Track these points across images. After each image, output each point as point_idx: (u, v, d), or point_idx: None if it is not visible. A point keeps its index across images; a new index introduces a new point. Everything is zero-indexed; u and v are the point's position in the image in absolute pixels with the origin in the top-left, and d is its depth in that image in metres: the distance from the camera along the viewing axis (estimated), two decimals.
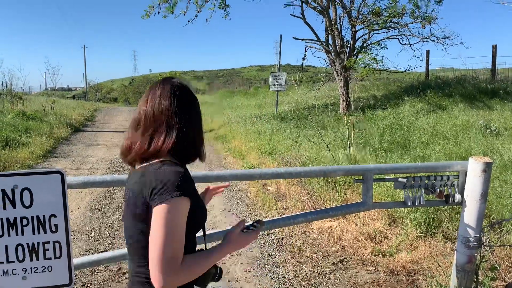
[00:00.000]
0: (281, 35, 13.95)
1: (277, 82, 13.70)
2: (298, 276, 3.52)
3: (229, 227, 1.47)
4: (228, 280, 3.48)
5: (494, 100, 9.82)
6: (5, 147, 8.26)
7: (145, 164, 1.29)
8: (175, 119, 1.30)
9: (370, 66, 10.96)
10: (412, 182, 2.44)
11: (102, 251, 4.05)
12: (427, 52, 13.43)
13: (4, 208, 2.07)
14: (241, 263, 3.80)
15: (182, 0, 11.59)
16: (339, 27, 11.86)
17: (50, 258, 2.16)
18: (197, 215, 1.30)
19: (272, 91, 14.74)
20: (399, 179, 2.45)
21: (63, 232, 2.15)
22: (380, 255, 3.81)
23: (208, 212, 4.80)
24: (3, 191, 2.05)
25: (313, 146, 7.79)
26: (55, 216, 2.13)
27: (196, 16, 11.50)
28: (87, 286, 3.34)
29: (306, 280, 3.45)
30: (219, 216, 5.13)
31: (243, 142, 9.63)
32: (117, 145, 10.34)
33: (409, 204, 2.43)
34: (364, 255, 3.82)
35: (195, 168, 7.72)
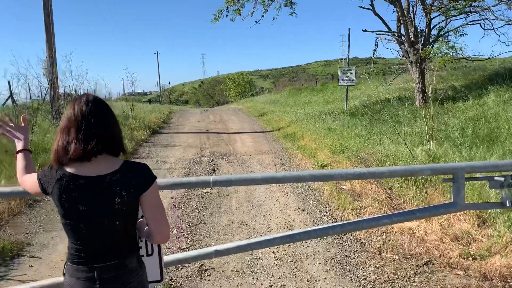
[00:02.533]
0: (349, 29, 13.62)
1: (346, 76, 13.36)
2: (379, 278, 3.40)
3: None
4: (307, 280, 3.46)
5: None
6: None
7: (103, 166, 1.52)
8: (103, 124, 1.55)
9: (448, 55, 10.24)
10: (511, 180, 2.23)
11: (184, 248, 4.25)
12: None
13: None
14: (319, 263, 3.76)
15: (249, 1, 11.74)
16: (412, 16, 11.24)
17: (143, 256, 2.31)
18: None
19: (341, 86, 14.41)
20: (495, 178, 2.26)
21: None
22: (470, 258, 3.55)
23: (281, 211, 4.81)
24: None
25: (388, 142, 7.47)
26: None
27: (263, 16, 11.63)
28: (173, 281, 3.53)
29: (389, 283, 3.33)
30: (294, 215, 5.13)
31: (312, 139, 9.53)
32: (192, 146, 10.80)
33: (507, 205, 2.23)
34: (451, 258, 3.58)
35: (268, 169, 7.80)
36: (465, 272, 3.36)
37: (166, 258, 2.46)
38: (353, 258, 3.82)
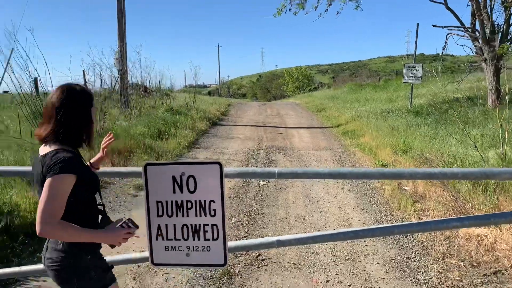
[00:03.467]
0: (417, 24, 13.02)
1: (411, 73, 12.79)
2: (443, 284, 3.27)
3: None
4: (365, 279, 3.41)
5: None
6: (158, 138, 9.48)
7: (47, 151, 1.73)
8: (59, 114, 1.73)
9: None
10: None
11: (242, 237, 4.36)
12: None
13: (174, 192, 2.39)
14: (377, 263, 3.69)
15: None
16: (489, 10, 10.49)
17: (209, 239, 2.42)
18: (89, 183, 1.83)
19: (405, 83, 13.82)
20: None
21: (220, 217, 2.39)
22: None
23: (339, 208, 4.75)
24: (173, 177, 2.36)
25: (456, 144, 7.08)
26: (213, 201, 2.38)
27: (327, 10, 11.43)
28: (231, 267, 3.64)
29: None
30: (352, 213, 5.06)
31: (373, 137, 9.27)
32: (249, 138, 10.96)
33: None
34: None
35: (325, 166, 7.73)
36: None
37: (230, 244, 2.55)
38: (414, 261, 3.70)
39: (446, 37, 11.51)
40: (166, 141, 9.26)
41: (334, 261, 3.77)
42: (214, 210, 2.39)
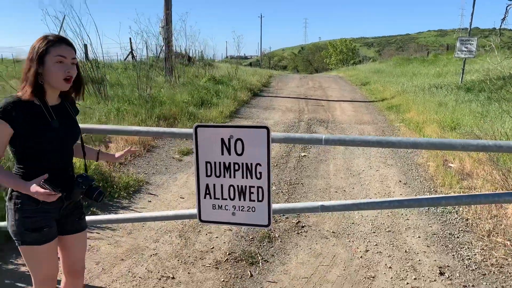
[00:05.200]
0: None
1: (465, 47, 12.09)
2: (487, 261, 3.21)
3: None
4: (405, 251, 3.41)
5: None
6: (201, 106, 9.66)
7: None
8: (28, 64, 1.74)
9: None
10: None
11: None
12: None
13: (222, 153, 2.47)
14: (418, 236, 3.66)
15: None
16: None
17: (254, 201, 2.51)
18: (27, 136, 1.73)
19: (457, 58, 13.11)
20: None
21: (265, 180, 2.46)
22: None
23: (381, 182, 4.70)
24: (222, 139, 2.44)
25: (510, 122, 6.72)
26: (260, 165, 2.45)
27: None
28: (272, 232, 3.75)
29: (497, 267, 3.13)
30: (394, 187, 5.00)
31: (419, 113, 8.96)
32: (290, 110, 10.92)
33: None
34: None
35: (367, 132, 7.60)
36: None
37: (274, 206, 2.63)
38: (457, 237, 3.64)
39: (506, 9, 10.72)
40: (209, 110, 9.43)
41: (374, 232, 3.78)
42: (260, 173, 2.46)
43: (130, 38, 15.35)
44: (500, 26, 11.39)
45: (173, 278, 2.99)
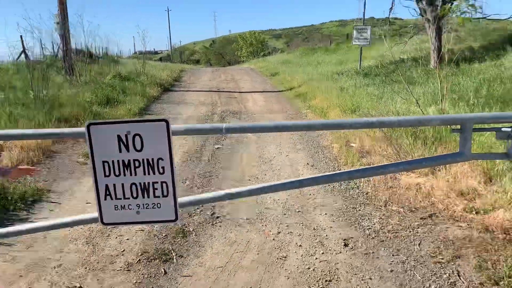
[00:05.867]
0: None
1: (361, 36, 13.04)
2: (384, 228, 3.54)
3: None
4: (314, 228, 3.61)
5: None
6: (107, 105, 9.15)
7: None
8: None
9: (468, 14, 9.90)
10: None
11: None
12: None
13: (120, 151, 2.36)
14: (325, 213, 3.90)
15: None
16: None
17: (158, 196, 2.44)
18: None
19: (355, 45, 14.10)
20: (503, 129, 2.29)
21: (169, 174, 2.40)
22: (474, 212, 3.64)
23: (291, 166, 4.91)
24: (119, 136, 2.33)
25: (400, 102, 7.43)
26: (162, 159, 2.38)
27: None
28: (186, 226, 3.71)
29: (393, 233, 3.46)
30: (302, 170, 5.25)
31: (324, 99, 9.49)
32: (203, 103, 10.85)
33: None
34: (455, 212, 3.69)
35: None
36: (468, 224, 3.47)
37: (180, 200, 2.59)
38: (359, 210, 3.95)
39: None
40: (115, 108, 8.97)
41: (285, 214, 3.94)
42: (163, 167, 2.39)
43: (21, 36, 13.87)
44: (389, 15, 12.50)
45: (80, 287, 2.81)
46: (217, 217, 3.89)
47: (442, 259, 3.01)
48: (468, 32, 14.23)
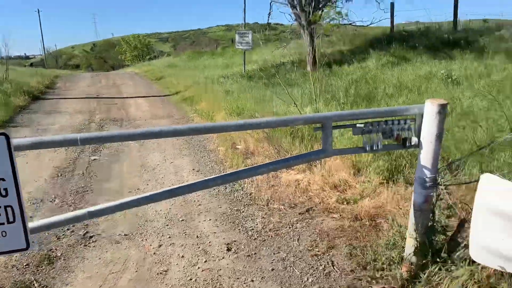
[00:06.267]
0: None
1: (243, 40, 13.38)
2: (266, 227, 3.59)
3: None
4: (197, 236, 3.50)
5: (455, 50, 10.00)
6: None
7: None
8: None
9: (335, 21, 10.83)
10: (370, 127, 2.46)
11: None
12: (392, 4, 13.40)
13: None
14: (209, 219, 3.83)
15: None
16: None
17: (3, 223, 2.09)
18: None
19: (238, 49, 14.42)
20: (357, 125, 2.47)
21: (14, 196, 2.07)
22: (345, 203, 3.92)
23: (175, 174, 4.74)
24: None
25: (281, 104, 7.76)
26: (3, 180, 2.04)
27: None
28: (52, 251, 3.29)
29: (274, 231, 3.53)
30: (187, 177, 5.11)
31: (210, 102, 9.48)
32: (80, 112, 9.98)
33: (367, 149, 2.46)
34: (329, 204, 3.92)
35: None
36: (340, 215, 3.71)
37: (32, 225, 2.25)
38: (243, 212, 3.96)
39: (270, 5, 12.34)
40: None
41: (167, 225, 3.76)
42: (6, 189, 2.05)
43: None
44: (268, 20, 13.05)
45: None
46: (91, 237, 3.54)
47: (319, 251, 3.16)
48: (339, 37, 15.64)
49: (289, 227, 3.57)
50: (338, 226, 3.51)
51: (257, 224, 3.67)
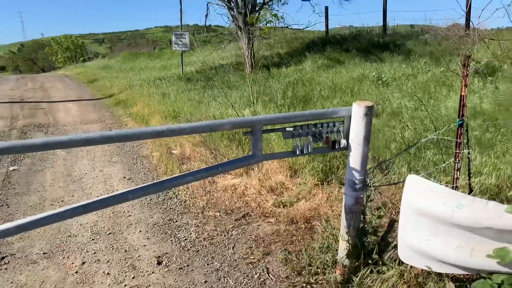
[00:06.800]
0: None
1: (180, 41, 13.07)
2: (200, 237, 3.43)
3: None
4: (125, 250, 3.26)
5: (385, 53, 10.49)
6: None
7: None
8: None
9: (272, 24, 10.91)
10: (300, 130, 2.41)
11: None
12: (326, 8, 13.80)
13: None
14: (140, 231, 3.59)
15: None
16: None
17: None
18: None
19: (175, 51, 14.07)
20: (287, 129, 2.41)
21: None
22: (281, 206, 3.87)
23: (104, 183, 4.43)
24: None
25: (219, 106, 7.62)
26: None
27: None
28: None
29: (209, 240, 3.38)
30: (118, 185, 4.80)
31: (145, 106, 9.10)
32: (1, 117, 9.11)
33: (297, 153, 2.41)
34: (266, 208, 3.85)
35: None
36: (276, 219, 3.65)
37: None
38: (176, 221, 3.77)
39: (207, 6, 12.17)
40: None
41: (93, 239, 3.47)
42: None
43: None
44: (205, 21, 12.85)
45: None
46: (3, 258, 3.16)
47: (254, 259, 3.06)
48: (277, 39, 15.81)
49: (225, 235, 3.44)
50: (274, 230, 3.45)
51: (190, 234, 3.50)
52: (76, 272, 2.98)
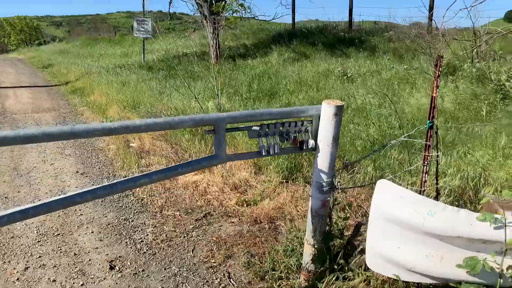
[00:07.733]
0: None
1: (142, 28, 12.54)
2: (157, 239, 3.22)
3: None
4: (74, 254, 3.00)
5: (350, 48, 10.53)
6: None
7: None
8: None
9: (238, 13, 10.66)
10: (267, 130, 2.26)
11: None
12: (293, 0, 13.68)
13: None
14: (92, 232, 3.33)
15: None
16: None
17: None
18: None
19: (137, 37, 13.51)
20: (253, 128, 2.25)
21: None
22: (245, 205, 3.72)
23: (55, 177, 4.10)
24: None
25: (181, 98, 7.34)
26: None
27: None
28: None
29: (166, 242, 3.18)
30: (70, 181, 4.47)
31: (103, 94, 8.65)
32: None
33: (263, 153, 2.25)
34: (228, 207, 3.69)
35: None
36: (239, 219, 3.50)
37: None
38: (132, 221, 3.53)
39: None
40: None
41: (39, 241, 3.18)
42: None
43: None
44: (169, 8, 12.40)
45: None
46: None
47: (215, 262, 2.90)
48: (243, 30, 15.56)
49: (184, 236, 3.25)
50: (237, 231, 3.29)
51: (147, 235, 3.28)
52: (18, 279, 2.70)
